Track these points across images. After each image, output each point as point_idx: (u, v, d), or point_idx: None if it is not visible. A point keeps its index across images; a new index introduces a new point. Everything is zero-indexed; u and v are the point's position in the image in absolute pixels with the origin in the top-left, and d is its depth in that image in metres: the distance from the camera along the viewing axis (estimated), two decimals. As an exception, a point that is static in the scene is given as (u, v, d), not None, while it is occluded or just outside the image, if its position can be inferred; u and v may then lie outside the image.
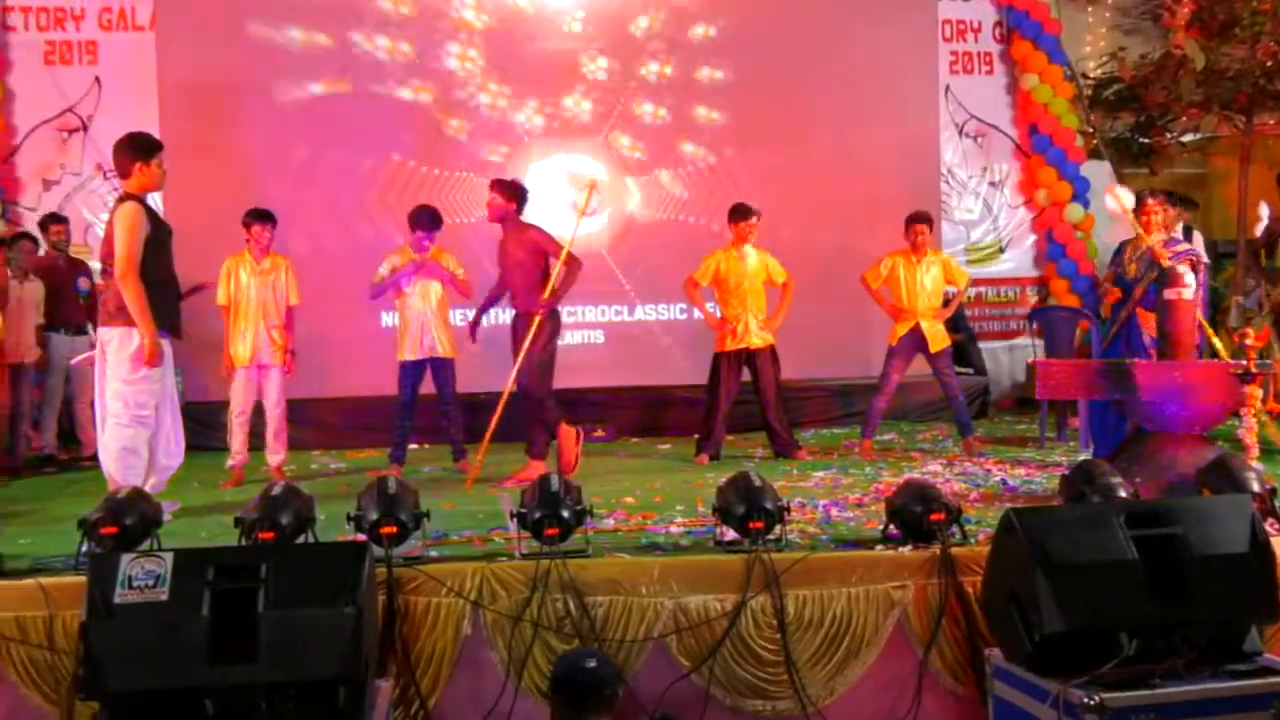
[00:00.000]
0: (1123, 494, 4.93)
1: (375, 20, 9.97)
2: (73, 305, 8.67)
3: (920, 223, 8.21)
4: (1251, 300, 9.28)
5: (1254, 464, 5.39)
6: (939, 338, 8.20)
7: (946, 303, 8.41)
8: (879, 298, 8.33)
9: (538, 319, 7.27)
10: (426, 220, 7.80)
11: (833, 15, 10.64)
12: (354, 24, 9.94)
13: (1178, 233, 8.66)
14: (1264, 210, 6.94)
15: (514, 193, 7.52)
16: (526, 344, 7.27)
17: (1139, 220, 7.32)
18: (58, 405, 8.84)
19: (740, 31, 10.41)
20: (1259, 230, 6.74)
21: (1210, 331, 7.44)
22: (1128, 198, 7.50)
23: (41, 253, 9.19)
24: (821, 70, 10.59)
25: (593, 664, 3.99)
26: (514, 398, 7.53)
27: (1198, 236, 9.92)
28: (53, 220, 9.00)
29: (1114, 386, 6.25)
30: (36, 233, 9.20)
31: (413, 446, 8.34)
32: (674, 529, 5.46)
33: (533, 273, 7.40)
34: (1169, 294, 6.56)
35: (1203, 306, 7.31)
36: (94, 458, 8.51)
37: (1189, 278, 6.65)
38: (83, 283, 8.86)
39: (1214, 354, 7.38)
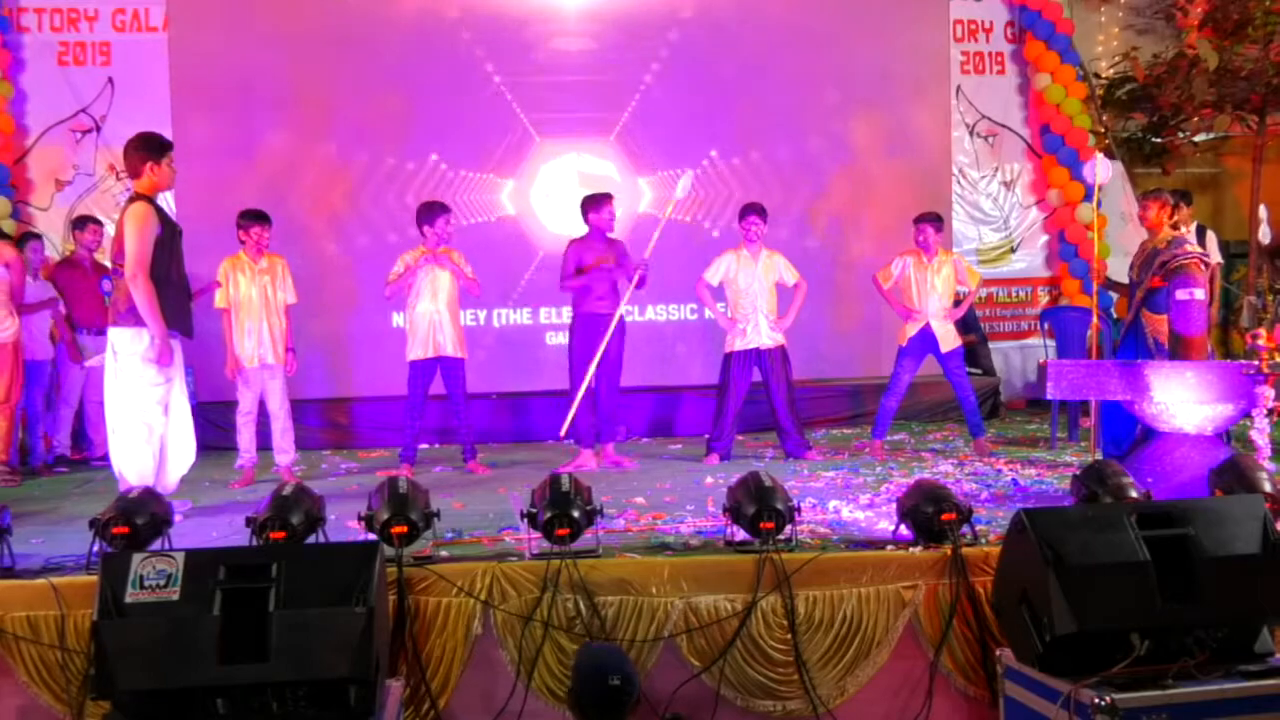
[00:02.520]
0: (1134, 495, 4.92)
1: (384, 22, 9.98)
2: (96, 306, 8.65)
3: (928, 223, 8.19)
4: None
5: (1266, 464, 5.37)
6: (950, 338, 8.18)
7: (957, 303, 8.39)
8: (890, 298, 8.32)
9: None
10: (439, 208, 7.87)
11: (844, 15, 10.62)
12: (363, 25, 9.95)
13: (1190, 233, 8.63)
14: (1264, 213, 6.93)
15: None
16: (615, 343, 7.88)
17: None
18: (74, 404, 8.86)
19: (750, 31, 10.39)
20: (1262, 234, 6.71)
21: None
22: (1103, 171, 7.47)
23: (60, 253, 9.23)
24: (832, 70, 10.58)
25: (616, 681, 3.96)
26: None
27: (1211, 236, 9.89)
28: (86, 220, 9.01)
29: (1125, 387, 6.24)
30: (66, 230, 9.30)
31: (423, 446, 8.36)
32: (684, 529, 5.47)
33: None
34: (1180, 294, 6.53)
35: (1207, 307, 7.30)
36: (105, 457, 8.57)
37: (1199, 277, 6.63)
38: (106, 284, 8.88)
39: (1226, 354, 7.35)
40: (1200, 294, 6.56)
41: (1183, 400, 6.04)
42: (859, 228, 10.53)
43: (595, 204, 8.02)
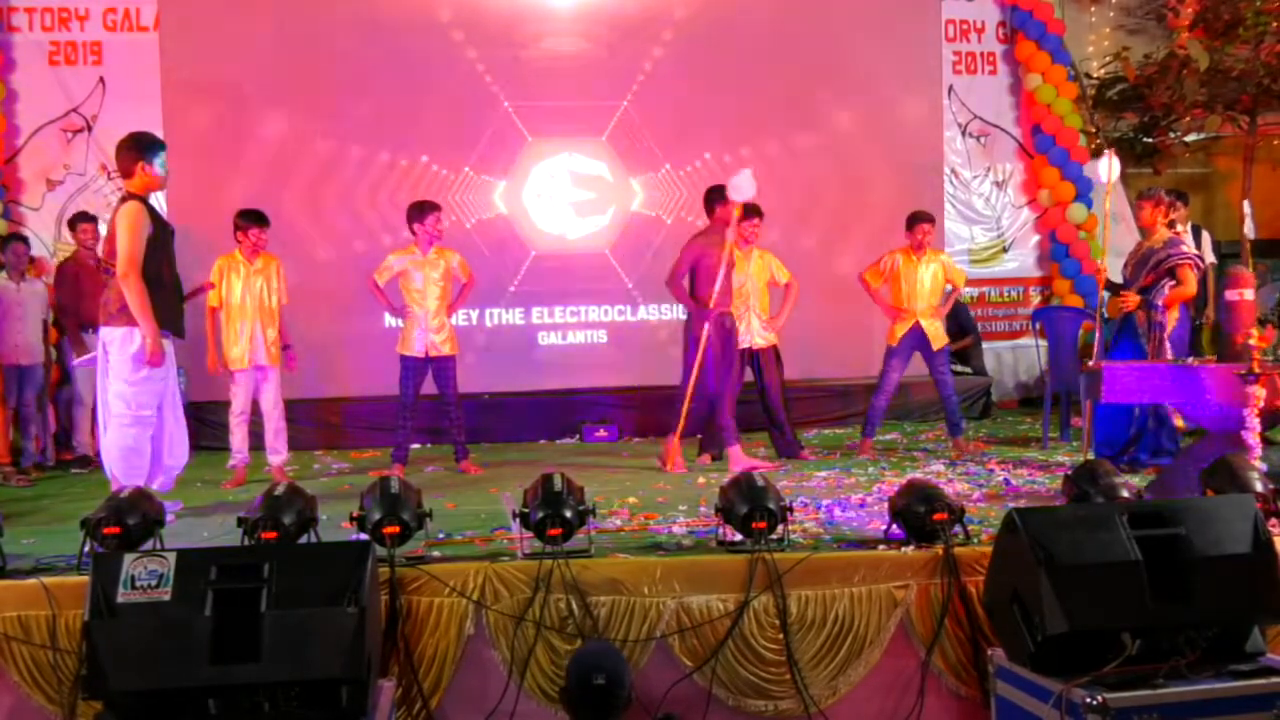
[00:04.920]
0: (1125, 495, 4.93)
1: (376, 21, 9.97)
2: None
3: (928, 221, 8.21)
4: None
5: (1257, 464, 5.38)
6: (939, 336, 8.21)
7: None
8: (877, 297, 8.33)
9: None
10: (430, 206, 7.84)
11: (837, 15, 10.65)
12: (354, 25, 9.94)
13: (1186, 233, 8.63)
14: (1247, 208, 6.97)
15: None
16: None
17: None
18: (89, 404, 8.75)
19: (742, 31, 10.41)
20: (1247, 229, 6.75)
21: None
22: (1116, 168, 7.45)
23: (52, 253, 9.20)
24: (825, 70, 10.60)
25: (601, 680, 3.95)
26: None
27: (1206, 236, 9.90)
28: (81, 219, 8.95)
29: (1179, 390, 6.16)
30: (56, 229, 9.30)
31: (415, 446, 8.35)
32: (677, 529, 5.46)
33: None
34: (1230, 295, 6.46)
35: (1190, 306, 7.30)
36: (84, 458, 8.52)
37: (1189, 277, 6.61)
38: None
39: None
40: (1249, 295, 6.49)
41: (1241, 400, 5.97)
42: (851, 227, 10.55)
43: (725, 196, 7.67)
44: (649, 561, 4.76)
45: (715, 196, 7.80)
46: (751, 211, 8.10)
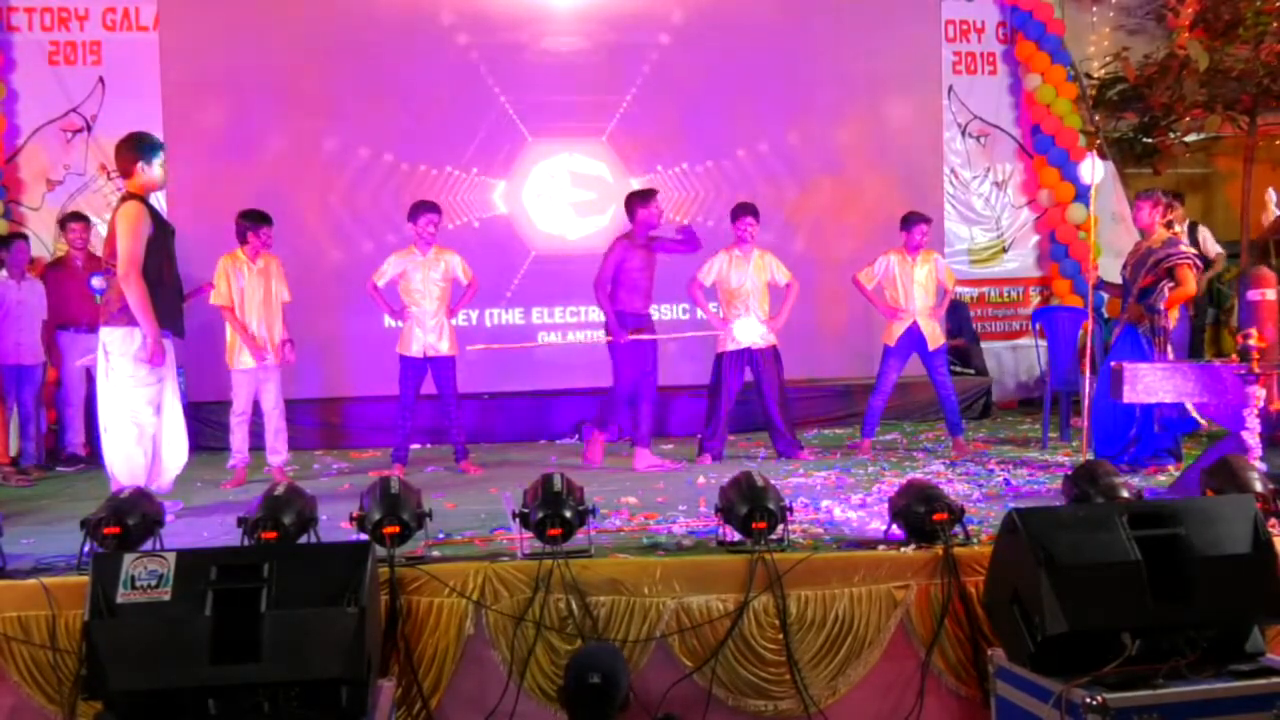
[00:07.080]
0: (1125, 495, 4.93)
1: (376, 22, 9.97)
2: (84, 304, 8.55)
3: (925, 222, 8.23)
4: None
5: (1257, 464, 5.38)
6: (936, 335, 8.22)
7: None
8: (873, 298, 8.34)
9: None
10: (426, 207, 7.87)
11: (836, 15, 10.64)
12: (355, 25, 9.94)
13: (1183, 232, 8.62)
14: (1272, 196, 6.93)
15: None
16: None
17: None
18: (79, 405, 8.74)
19: (742, 31, 10.40)
20: (1267, 218, 6.73)
21: None
22: (1098, 170, 7.46)
23: (52, 253, 9.22)
24: (824, 70, 10.59)
25: (596, 679, 3.96)
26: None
27: (1204, 231, 9.88)
28: (72, 219, 8.96)
29: (1202, 389, 6.15)
30: (56, 229, 9.39)
31: (415, 446, 8.35)
32: (676, 529, 5.46)
33: None
34: (1252, 295, 6.45)
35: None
36: (74, 457, 8.53)
37: (1198, 274, 6.58)
38: (96, 281, 8.70)
39: (1218, 354, 7.32)
40: (1272, 294, 6.46)
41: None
42: (851, 228, 10.53)
43: (644, 199, 7.91)
44: (649, 561, 4.77)
45: (636, 200, 7.94)
46: (747, 210, 8.12)
